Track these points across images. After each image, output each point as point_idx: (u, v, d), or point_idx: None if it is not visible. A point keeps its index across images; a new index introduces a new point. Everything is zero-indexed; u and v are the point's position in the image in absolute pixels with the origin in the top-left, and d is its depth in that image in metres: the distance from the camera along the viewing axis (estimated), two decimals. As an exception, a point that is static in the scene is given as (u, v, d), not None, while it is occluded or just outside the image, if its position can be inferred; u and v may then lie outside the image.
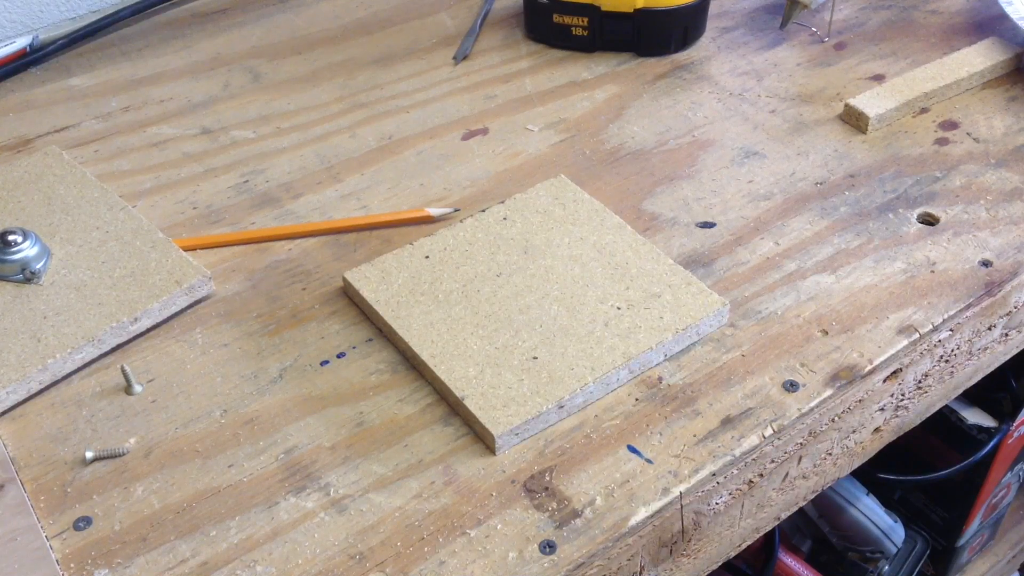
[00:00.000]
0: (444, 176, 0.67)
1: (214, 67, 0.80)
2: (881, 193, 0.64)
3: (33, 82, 0.78)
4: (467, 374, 0.51)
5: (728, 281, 0.58)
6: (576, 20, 0.78)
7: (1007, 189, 0.64)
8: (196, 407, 0.52)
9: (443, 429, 0.50)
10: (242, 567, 0.44)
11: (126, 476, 0.48)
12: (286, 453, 0.49)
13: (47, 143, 0.71)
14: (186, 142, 0.71)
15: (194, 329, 0.56)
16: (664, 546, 0.48)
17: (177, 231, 0.63)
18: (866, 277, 0.58)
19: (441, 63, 0.79)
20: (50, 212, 0.62)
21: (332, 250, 0.61)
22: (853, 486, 0.91)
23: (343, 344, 0.55)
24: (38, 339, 0.53)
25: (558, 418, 0.50)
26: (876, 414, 0.56)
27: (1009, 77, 0.74)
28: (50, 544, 0.45)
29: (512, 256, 0.58)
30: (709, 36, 0.81)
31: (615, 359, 0.51)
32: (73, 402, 0.52)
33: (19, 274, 0.57)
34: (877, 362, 0.53)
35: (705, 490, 0.48)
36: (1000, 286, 0.57)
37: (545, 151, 0.69)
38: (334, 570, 0.44)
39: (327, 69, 0.79)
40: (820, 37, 0.80)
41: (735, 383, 0.52)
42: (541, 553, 0.44)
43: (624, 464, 0.48)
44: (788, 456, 0.51)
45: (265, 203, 0.65)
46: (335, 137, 0.71)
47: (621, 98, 0.74)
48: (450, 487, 0.47)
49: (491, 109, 0.73)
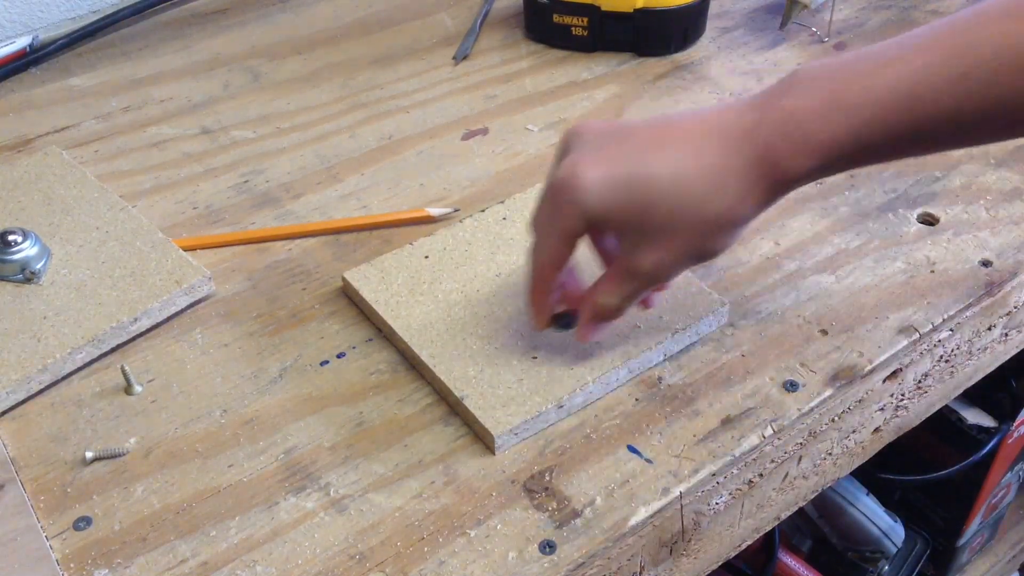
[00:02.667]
0: (444, 176, 0.67)
1: (214, 67, 0.80)
2: (881, 193, 0.64)
3: (33, 82, 0.78)
4: (467, 374, 0.51)
5: (728, 281, 0.58)
6: (576, 20, 0.78)
7: (1007, 189, 0.64)
8: (196, 407, 0.52)
9: (443, 429, 0.50)
10: (242, 567, 0.44)
11: (126, 476, 0.48)
12: (286, 453, 0.49)
13: (47, 143, 0.71)
14: (186, 142, 0.71)
15: (194, 329, 0.56)
16: (664, 546, 0.48)
17: (177, 231, 0.63)
18: (866, 277, 0.58)
19: (441, 63, 0.79)
20: (50, 212, 0.62)
21: (332, 250, 0.61)
22: (853, 486, 0.91)
23: (343, 344, 0.55)
24: (38, 339, 0.53)
25: (558, 418, 0.50)
26: (876, 414, 0.56)
27: (1009, 77, 0.73)
28: (50, 544, 0.45)
29: (512, 256, 0.58)
30: (709, 36, 0.81)
31: (615, 359, 0.51)
32: (73, 402, 0.52)
33: (19, 274, 0.57)
34: (877, 362, 0.53)
35: (705, 490, 0.48)
36: (1000, 286, 0.57)
37: (545, 151, 0.69)
38: (334, 570, 0.44)
39: (327, 69, 0.79)
40: (820, 37, 0.80)
41: (735, 383, 0.52)
42: (541, 553, 0.44)
43: (624, 464, 0.48)
44: (788, 456, 0.51)
45: (265, 203, 0.65)
46: (335, 137, 0.71)
47: (621, 98, 0.74)
48: (450, 487, 0.47)
49: (491, 109, 0.73)
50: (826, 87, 0.42)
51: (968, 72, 0.40)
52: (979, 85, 0.40)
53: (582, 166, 0.44)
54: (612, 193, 0.44)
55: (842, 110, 0.42)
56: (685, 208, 0.44)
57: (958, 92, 0.41)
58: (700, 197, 0.43)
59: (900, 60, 0.42)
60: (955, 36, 0.41)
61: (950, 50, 0.41)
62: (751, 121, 0.43)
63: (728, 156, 0.43)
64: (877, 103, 0.42)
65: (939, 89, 0.41)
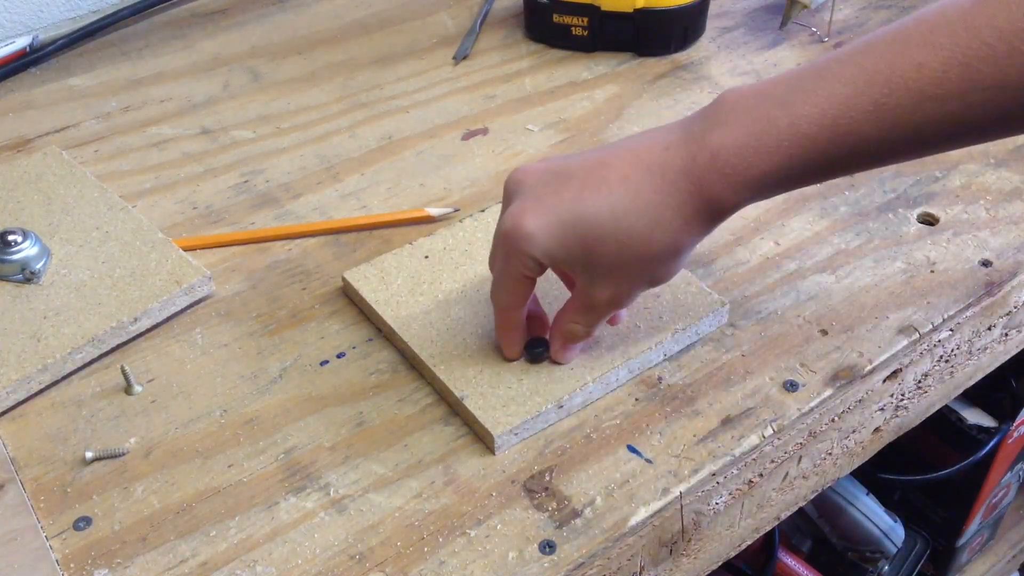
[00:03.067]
0: (444, 176, 0.67)
1: (214, 67, 0.80)
2: (881, 193, 0.64)
3: (33, 82, 0.78)
4: (467, 374, 0.51)
5: (728, 281, 0.58)
6: (576, 20, 0.78)
7: (1007, 189, 0.64)
8: (196, 407, 0.52)
9: (443, 429, 0.50)
10: (242, 567, 0.44)
11: (126, 476, 0.48)
12: (286, 453, 0.49)
13: (47, 143, 0.71)
14: (186, 142, 0.71)
15: (194, 329, 0.56)
16: (664, 546, 0.48)
17: (177, 231, 0.63)
18: (866, 277, 0.58)
19: (441, 63, 0.79)
20: (50, 212, 0.62)
21: (332, 250, 0.61)
22: (853, 486, 0.91)
23: (343, 344, 0.55)
24: (38, 339, 0.53)
25: (558, 418, 0.50)
26: (876, 414, 0.56)
27: (1009, 77, 0.73)
28: (50, 544, 0.45)
29: (512, 256, 0.58)
30: (709, 36, 0.81)
31: (614, 359, 0.51)
32: (73, 402, 0.52)
33: (19, 274, 0.57)
34: (877, 362, 0.53)
35: (705, 490, 0.48)
36: (1000, 286, 0.57)
37: (545, 151, 0.69)
38: (334, 570, 0.44)
39: (327, 69, 0.79)
40: (820, 37, 0.80)
41: (735, 383, 0.52)
42: (541, 553, 0.44)
43: (624, 464, 0.48)
44: (788, 456, 0.51)
45: (265, 203, 0.65)
46: (335, 137, 0.71)
47: (621, 98, 0.74)
48: (450, 487, 0.47)
49: (491, 109, 0.73)
50: (749, 120, 0.43)
51: (886, 102, 0.41)
52: (897, 114, 0.41)
53: (526, 216, 0.46)
54: (557, 239, 0.45)
55: (766, 146, 0.43)
56: (628, 245, 0.45)
57: (878, 121, 0.41)
58: (641, 233, 0.45)
59: (821, 89, 0.42)
60: (876, 62, 0.41)
61: (871, 77, 0.41)
62: (683, 158, 0.44)
63: (665, 193, 0.44)
64: (800, 135, 0.42)
65: (859, 120, 0.41)
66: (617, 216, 0.45)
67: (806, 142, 0.42)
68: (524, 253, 0.46)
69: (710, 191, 0.44)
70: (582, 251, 0.46)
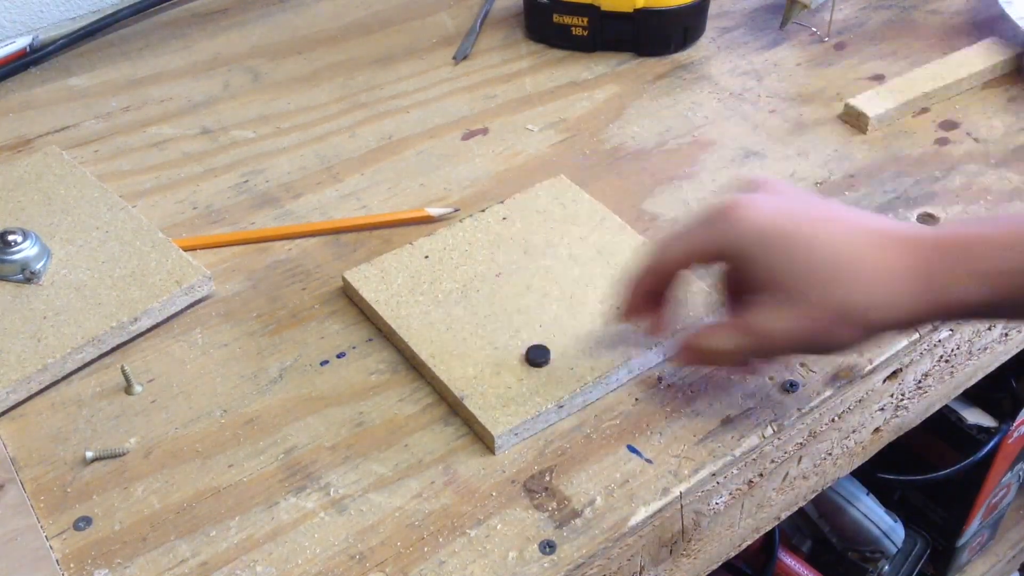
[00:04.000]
0: (444, 176, 0.67)
1: (214, 67, 0.80)
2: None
3: (33, 82, 0.78)
4: (467, 374, 0.51)
5: (728, 281, 0.58)
6: (576, 20, 0.78)
7: (1007, 189, 0.64)
8: (196, 407, 0.52)
9: (443, 429, 0.50)
10: (242, 567, 0.44)
11: (126, 476, 0.48)
12: (286, 453, 0.49)
13: (47, 143, 0.71)
14: (186, 142, 0.71)
15: (194, 329, 0.56)
16: (664, 546, 0.48)
17: (177, 231, 0.63)
18: (866, 277, 0.57)
19: (441, 63, 0.79)
20: (50, 212, 0.62)
21: (332, 250, 0.61)
22: (853, 486, 0.91)
23: (343, 344, 0.55)
24: (38, 339, 0.53)
25: (558, 418, 0.50)
26: (876, 414, 0.56)
27: (1009, 77, 0.73)
28: (50, 544, 0.45)
29: (512, 256, 0.58)
30: (709, 36, 0.81)
31: (615, 359, 0.51)
32: (73, 402, 0.52)
33: (19, 274, 0.57)
34: (877, 362, 0.53)
35: (705, 490, 0.48)
36: (1000, 286, 0.57)
37: (545, 151, 0.69)
38: (334, 570, 0.44)
39: (327, 69, 0.79)
40: (820, 37, 0.80)
41: (735, 383, 0.51)
42: (541, 553, 0.44)
43: (624, 464, 0.48)
44: (788, 456, 0.51)
45: (265, 203, 0.65)
46: (335, 137, 0.71)
47: (621, 98, 0.74)
48: (450, 487, 0.47)
49: (491, 109, 0.73)
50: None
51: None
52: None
53: (755, 202, 0.44)
54: (769, 237, 0.43)
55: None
56: (832, 284, 0.42)
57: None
58: (851, 280, 0.42)
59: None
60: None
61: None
62: (930, 234, 0.42)
63: (897, 257, 0.42)
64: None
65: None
66: (838, 251, 0.42)
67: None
68: (729, 230, 0.43)
69: (945, 278, 0.41)
70: (784, 264, 0.42)
